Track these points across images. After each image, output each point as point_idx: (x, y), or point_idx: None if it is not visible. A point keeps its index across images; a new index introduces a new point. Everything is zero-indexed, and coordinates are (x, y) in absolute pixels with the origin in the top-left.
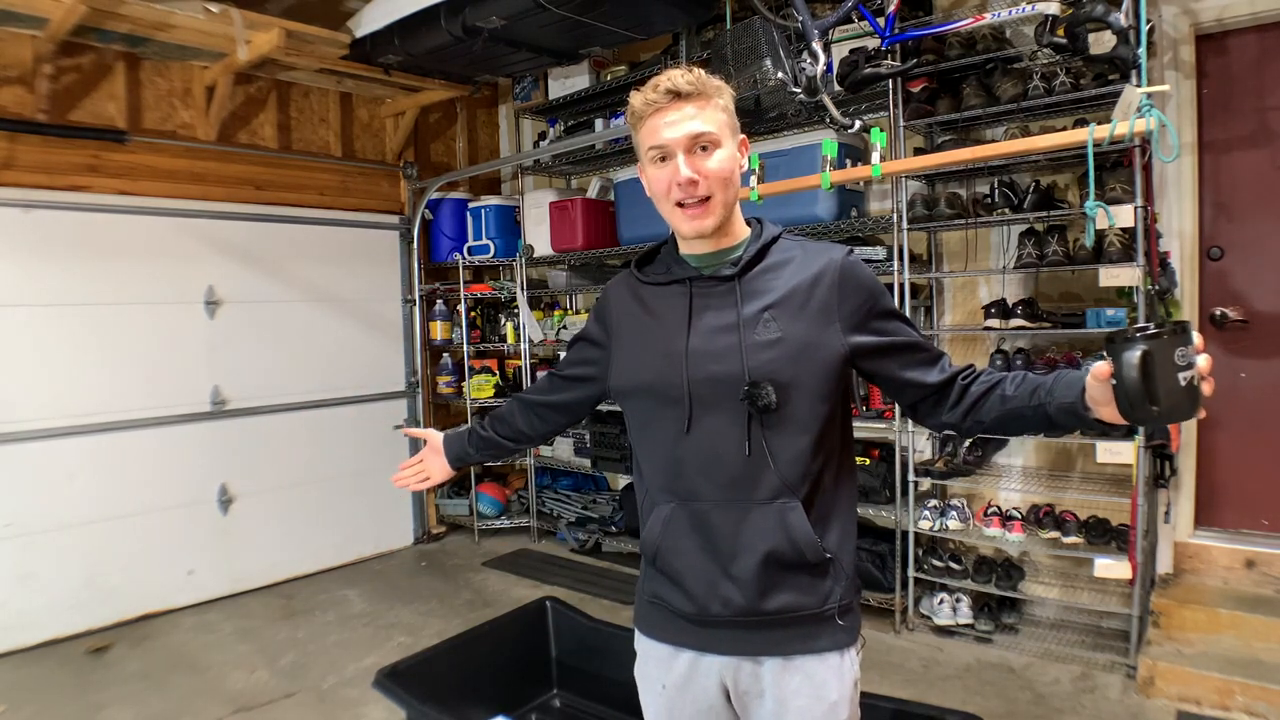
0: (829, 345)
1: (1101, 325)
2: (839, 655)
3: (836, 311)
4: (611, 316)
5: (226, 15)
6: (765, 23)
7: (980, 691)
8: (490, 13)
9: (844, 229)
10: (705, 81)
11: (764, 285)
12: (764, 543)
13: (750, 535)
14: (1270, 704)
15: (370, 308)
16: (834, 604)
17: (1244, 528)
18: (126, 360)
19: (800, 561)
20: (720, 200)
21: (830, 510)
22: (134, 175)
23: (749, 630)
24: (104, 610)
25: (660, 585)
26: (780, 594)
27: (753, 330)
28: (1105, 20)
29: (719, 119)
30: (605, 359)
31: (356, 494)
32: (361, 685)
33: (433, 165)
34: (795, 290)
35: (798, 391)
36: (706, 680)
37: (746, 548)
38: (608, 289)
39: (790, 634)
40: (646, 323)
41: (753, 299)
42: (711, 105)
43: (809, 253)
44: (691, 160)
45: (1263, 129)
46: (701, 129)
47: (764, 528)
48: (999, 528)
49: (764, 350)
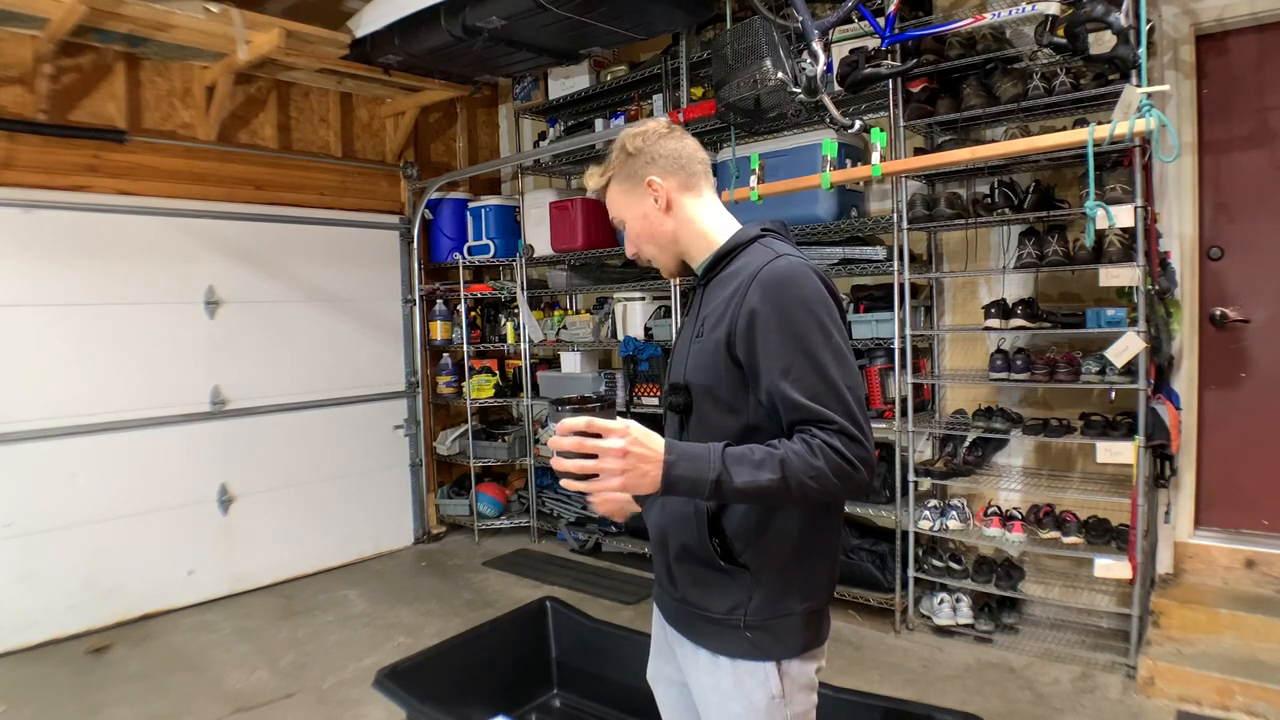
0: (721, 355)
1: (1101, 325)
2: (749, 663)
3: (730, 323)
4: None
5: (226, 15)
6: (765, 23)
7: (980, 691)
8: (490, 13)
9: (844, 229)
10: (604, 171)
11: (714, 294)
12: (678, 536)
13: (671, 526)
14: (1270, 704)
15: (370, 308)
16: (741, 616)
17: (1244, 528)
18: (126, 360)
19: (706, 560)
20: (655, 252)
21: (757, 525)
22: (134, 175)
23: (669, 606)
24: (104, 610)
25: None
26: (689, 586)
27: (697, 337)
28: (1105, 20)
29: (616, 195)
30: None
31: (356, 494)
32: (361, 685)
33: (433, 165)
34: (728, 300)
35: (707, 398)
36: (664, 644)
37: (668, 538)
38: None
39: (696, 626)
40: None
41: (705, 306)
42: (613, 190)
43: (753, 263)
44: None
45: (1263, 129)
46: (615, 216)
47: (678, 521)
48: (999, 528)
49: (692, 357)
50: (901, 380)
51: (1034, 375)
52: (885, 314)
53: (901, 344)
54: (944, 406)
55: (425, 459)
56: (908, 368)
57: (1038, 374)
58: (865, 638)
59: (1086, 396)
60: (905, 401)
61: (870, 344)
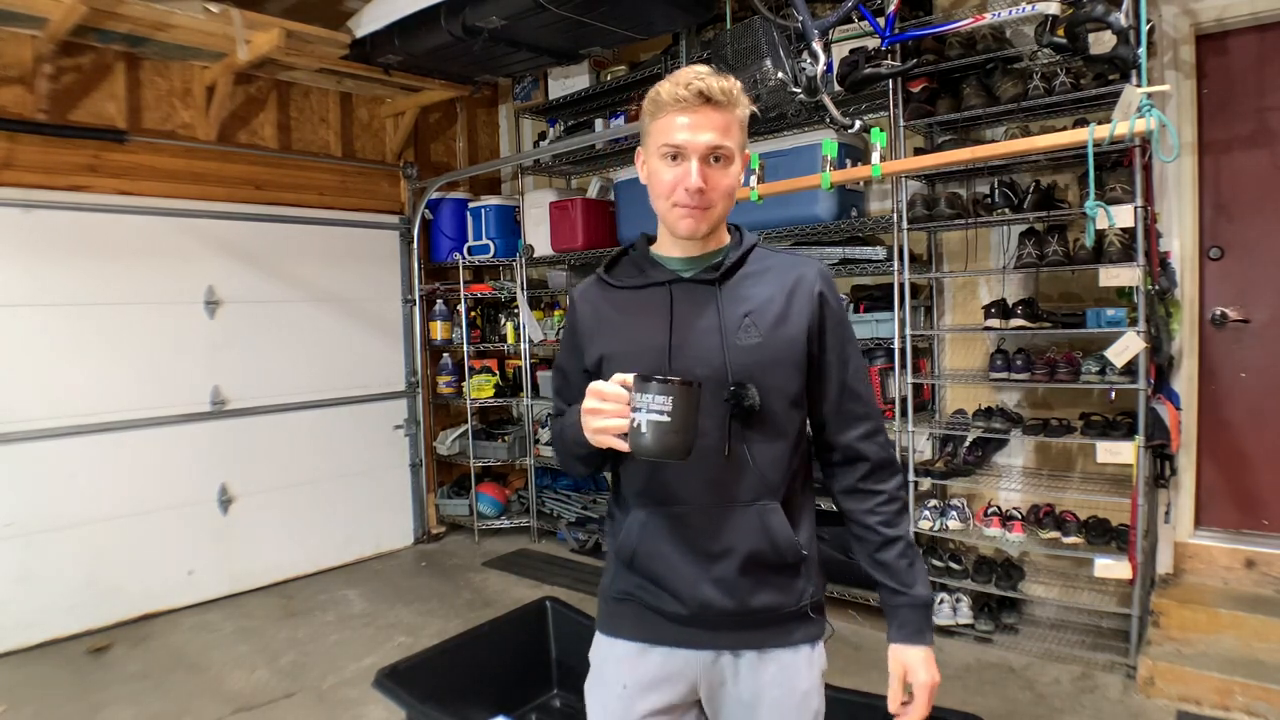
0: (800, 352)
1: (1102, 325)
2: (810, 647)
3: (809, 319)
4: (584, 328)
5: (226, 15)
6: (765, 23)
7: (980, 691)
8: (490, 13)
9: (844, 229)
10: (736, 95)
11: (745, 291)
12: (745, 544)
13: (731, 537)
14: (1270, 704)
15: (370, 308)
16: (808, 600)
17: (1244, 528)
18: (127, 360)
19: (780, 562)
20: (720, 210)
21: (801, 511)
22: (134, 175)
23: (729, 627)
24: (104, 610)
25: (636, 584)
26: (761, 594)
27: (735, 334)
28: (1105, 20)
29: (738, 135)
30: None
31: (356, 494)
32: (361, 685)
33: (433, 165)
34: (774, 297)
35: (776, 396)
36: (677, 676)
37: (728, 549)
38: (574, 304)
39: (768, 631)
40: (624, 324)
41: (734, 304)
42: (735, 120)
43: (785, 262)
44: (704, 169)
45: (1263, 129)
46: (721, 142)
47: (745, 529)
48: (999, 528)
49: (746, 354)
50: (901, 380)
51: (1034, 375)
52: (885, 314)
53: (901, 344)
54: (944, 406)
55: (425, 459)
56: (908, 368)
57: (1038, 374)
58: (865, 638)
59: (1086, 396)
60: (905, 401)
61: (870, 344)
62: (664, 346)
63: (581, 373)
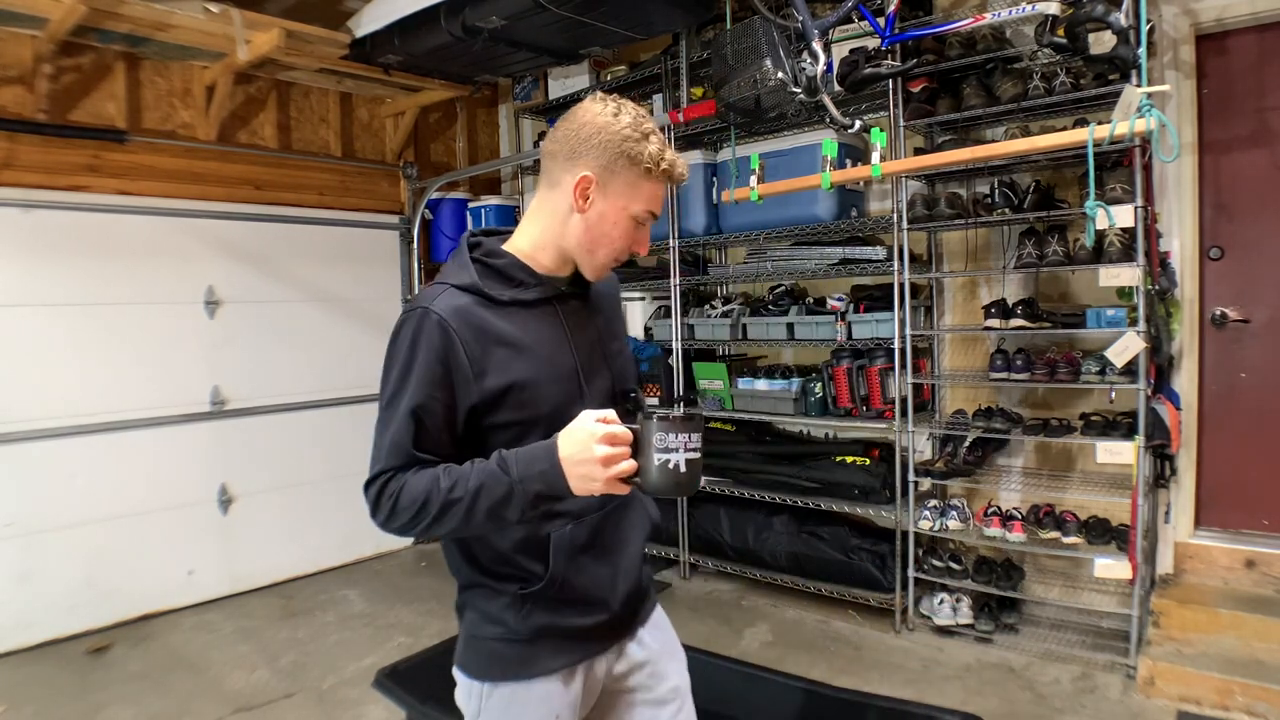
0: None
1: (1102, 325)
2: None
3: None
4: (468, 356)
5: (226, 15)
6: (765, 23)
7: (980, 691)
8: (490, 13)
9: (844, 229)
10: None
11: (596, 302)
12: (639, 530)
13: (629, 528)
14: (1270, 704)
15: (370, 308)
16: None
17: (1244, 528)
18: (126, 360)
19: (657, 532)
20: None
21: None
22: (134, 175)
23: (632, 611)
24: (104, 610)
25: (549, 614)
26: (645, 567)
27: (608, 343)
28: (1105, 20)
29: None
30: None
31: (356, 494)
32: (361, 685)
33: (433, 165)
34: (608, 305)
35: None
36: (593, 683)
37: (629, 540)
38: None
39: (649, 599)
40: (530, 346)
41: (596, 314)
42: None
43: None
44: None
45: (1263, 129)
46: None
47: (638, 517)
48: (999, 528)
49: (616, 359)
50: (901, 380)
51: (1034, 375)
52: (885, 314)
53: (901, 344)
54: (944, 406)
55: None
56: (908, 368)
57: (1038, 374)
58: (865, 638)
59: (1086, 396)
60: (905, 401)
61: (870, 344)
62: (574, 368)
63: (457, 410)
